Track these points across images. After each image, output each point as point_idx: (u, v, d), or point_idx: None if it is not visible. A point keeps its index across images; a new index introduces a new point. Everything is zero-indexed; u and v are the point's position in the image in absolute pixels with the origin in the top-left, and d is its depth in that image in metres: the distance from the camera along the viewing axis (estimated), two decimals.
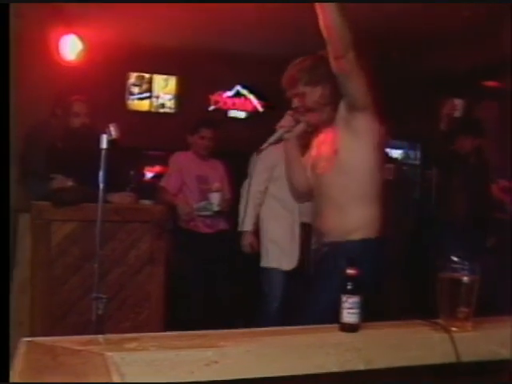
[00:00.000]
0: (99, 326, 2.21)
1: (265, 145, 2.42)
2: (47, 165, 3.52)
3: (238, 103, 6.33)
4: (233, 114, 6.37)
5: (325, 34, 2.09)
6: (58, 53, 4.76)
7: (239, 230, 3.87)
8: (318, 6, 2.05)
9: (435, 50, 5.04)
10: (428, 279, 1.84)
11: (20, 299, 3.35)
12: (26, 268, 3.35)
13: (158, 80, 6.36)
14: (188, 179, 4.13)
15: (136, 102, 6.28)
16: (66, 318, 3.13)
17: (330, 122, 2.36)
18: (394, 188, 4.16)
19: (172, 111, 6.35)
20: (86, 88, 4.43)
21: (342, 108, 2.30)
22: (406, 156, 6.05)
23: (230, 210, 4.07)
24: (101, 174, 2.28)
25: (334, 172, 2.32)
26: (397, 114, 4.68)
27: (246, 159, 3.52)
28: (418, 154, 6.08)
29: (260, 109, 6.38)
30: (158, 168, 5.87)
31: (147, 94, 6.30)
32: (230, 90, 6.22)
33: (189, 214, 4.02)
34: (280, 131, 2.44)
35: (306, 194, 2.54)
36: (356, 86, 2.18)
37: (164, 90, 6.37)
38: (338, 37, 2.08)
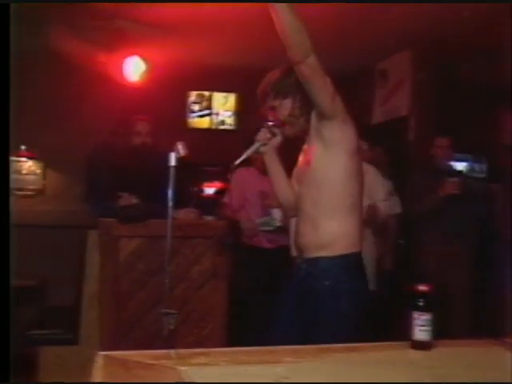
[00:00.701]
0: (169, 341, 2.24)
1: (240, 159, 2.34)
2: (112, 183, 3.63)
3: None
4: None
5: (281, 38, 2.02)
6: (122, 74, 4.91)
7: None
8: (271, 9, 1.97)
9: (501, 63, 4.92)
10: (494, 296, 1.79)
11: (89, 313, 3.44)
12: (95, 283, 3.45)
13: (218, 97, 6.45)
14: (250, 195, 4.15)
15: (196, 119, 6.39)
16: (132, 332, 3.19)
17: (305, 133, 2.29)
18: (459, 202, 4.06)
19: (232, 128, 6.42)
20: (149, 107, 4.56)
21: (313, 117, 2.23)
22: (471, 169, 5.89)
23: None
24: (169, 191, 2.31)
25: (307, 184, 2.25)
26: (462, 126, 4.60)
27: None
28: (484, 166, 5.90)
29: None
30: (217, 184, 5.93)
31: (207, 112, 6.40)
32: None
33: (251, 229, 4.04)
34: (256, 144, 2.38)
35: (294, 209, 2.42)
36: (320, 92, 2.10)
37: (224, 107, 6.45)
38: (294, 41, 2.01)
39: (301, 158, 2.39)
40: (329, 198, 2.19)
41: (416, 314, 1.64)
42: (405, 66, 5.19)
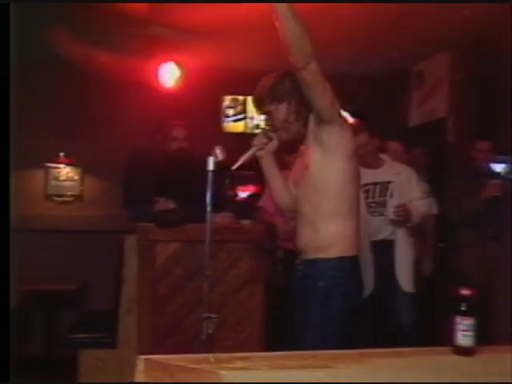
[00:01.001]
0: (208, 345, 2.24)
1: (236, 164, 2.36)
2: (149, 188, 3.66)
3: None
4: None
5: (284, 44, 2.02)
6: (158, 80, 4.96)
7: None
8: (273, 14, 1.96)
9: None
10: None
11: (127, 317, 3.48)
12: (133, 287, 3.48)
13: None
14: None
15: (231, 123, 6.41)
16: (170, 336, 3.21)
17: (302, 137, 2.30)
18: (500, 204, 3.98)
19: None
20: (184, 112, 4.59)
21: (312, 121, 2.23)
22: (510, 170, 5.76)
23: None
24: (208, 195, 2.32)
25: (305, 188, 2.26)
26: (501, 127, 4.51)
27: None
28: None
29: None
30: (251, 188, 5.94)
31: (242, 116, 6.41)
32: None
33: (288, 233, 4.02)
34: (253, 149, 2.40)
35: (292, 210, 2.47)
36: (320, 97, 2.10)
37: None
38: (296, 47, 2.00)
39: (298, 161, 2.41)
40: (327, 200, 2.21)
41: (458, 319, 1.61)
42: (442, 67, 5.12)
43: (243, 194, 6.11)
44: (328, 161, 2.20)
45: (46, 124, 5.24)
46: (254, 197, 5.08)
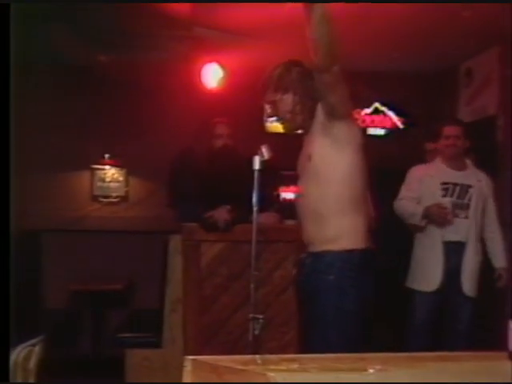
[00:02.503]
0: (255, 346, 2.23)
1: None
2: (196, 187, 3.67)
3: (377, 120, 6.20)
4: (372, 131, 6.25)
5: (310, 45, 1.99)
6: (201, 81, 4.99)
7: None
8: (305, 15, 1.95)
9: None
10: None
11: (172, 317, 3.50)
12: (177, 287, 3.50)
13: None
14: None
15: (274, 124, 6.38)
16: (216, 336, 3.21)
17: (307, 128, 2.28)
18: None
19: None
20: (227, 113, 4.60)
21: (320, 114, 2.19)
22: None
23: (374, 229, 3.98)
24: (254, 195, 2.31)
25: (311, 180, 2.22)
26: None
27: (385, 176, 3.45)
28: None
29: (400, 125, 6.22)
30: (293, 188, 5.90)
31: None
32: (368, 107, 6.13)
33: None
34: None
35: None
36: (337, 97, 2.09)
37: None
38: (325, 51, 1.98)
39: (302, 153, 2.37)
40: (334, 193, 2.19)
41: None
42: (492, 64, 4.99)
43: (286, 194, 6.09)
44: (335, 152, 2.18)
45: (92, 126, 5.32)
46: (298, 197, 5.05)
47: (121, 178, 5.65)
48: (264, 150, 2.35)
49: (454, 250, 3.58)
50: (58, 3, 4.05)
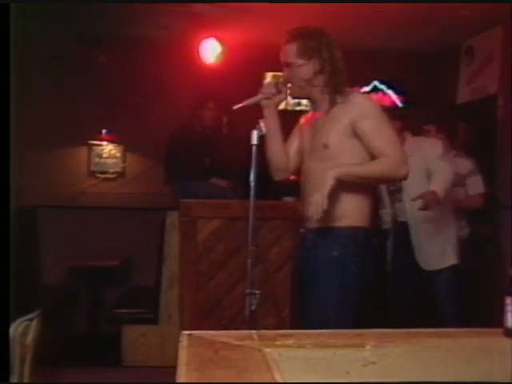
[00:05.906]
0: (251, 322, 2.23)
1: (239, 105, 2.33)
2: (192, 163, 3.66)
3: (376, 98, 6.15)
4: None
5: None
6: (199, 56, 4.93)
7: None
8: None
9: None
10: None
11: (168, 294, 3.51)
12: (174, 264, 3.50)
13: None
14: None
15: None
16: (213, 312, 3.22)
17: (314, 101, 2.29)
18: None
19: (308, 109, 6.31)
20: (225, 89, 4.56)
21: (347, 125, 2.19)
22: None
23: None
24: (252, 170, 2.28)
25: (323, 163, 2.19)
26: None
27: None
28: None
29: (399, 103, 6.17)
30: None
31: None
32: (367, 85, 6.07)
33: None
34: (259, 96, 2.33)
35: (282, 171, 2.42)
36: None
37: None
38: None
39: (309, 136, 2.36)
40: None
41: (509, 300, 1.53)
42: (494, 43, 4.93)
43: None
44: (355, 141, 2.20)
45: (89, 102, 5.27)
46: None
47: (118, 154, 5.61)
48: (262, 124, 2.32)
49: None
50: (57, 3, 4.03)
